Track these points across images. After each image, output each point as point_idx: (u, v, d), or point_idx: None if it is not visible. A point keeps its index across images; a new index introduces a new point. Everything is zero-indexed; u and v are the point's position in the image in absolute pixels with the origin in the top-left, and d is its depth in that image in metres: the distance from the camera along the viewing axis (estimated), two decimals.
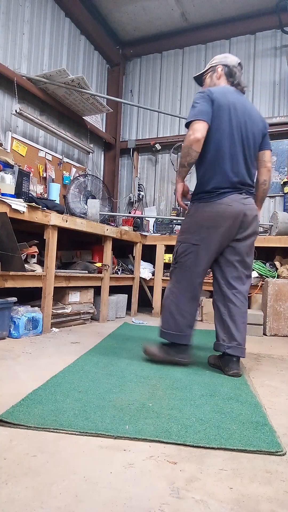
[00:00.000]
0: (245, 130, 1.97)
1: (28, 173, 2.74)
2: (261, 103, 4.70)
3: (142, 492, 0.87)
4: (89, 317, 3.41)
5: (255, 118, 2.03)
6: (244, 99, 2.07)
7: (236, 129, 1.94)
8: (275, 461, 1.05)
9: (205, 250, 1.96)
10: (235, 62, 2.11)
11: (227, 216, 1.91)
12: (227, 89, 2.03)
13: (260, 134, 2.06)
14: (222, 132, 1.92)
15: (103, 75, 5.21)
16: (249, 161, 1.99)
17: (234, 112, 1.94)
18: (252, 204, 1.99)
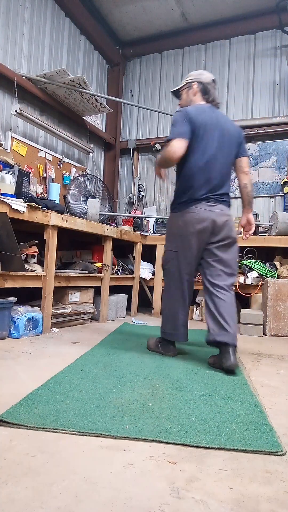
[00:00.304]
0: (220, 145, 2.15)
1: (28, 173, 2.74)
2: (261, 103, 4.70)
3: (142, 492, 0.87)
4: (89, 317, 3.41)
5: (229, 130, 2.20)
6: (218, 114, 2.23)
7: (210, 147, 2.13)
8: (275, 461, 1.05)
9: (183, 255, 2.18)
10: (209, 80, 2.26)
11: (195, 223, 2.11)
12: (202, 108, 2.19)
13: (236, 143, 2.24)
14: (197, 151, 2.12)
15: (103, 75, 5.21)
16: (223, 173, 2.18)
17: (209, 131, 2.12)
18: (222, 211, 2.15)
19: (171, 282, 2.25)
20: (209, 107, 2.21)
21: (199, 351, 2.44)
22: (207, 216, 2.11)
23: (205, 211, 2.11)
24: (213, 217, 2.11)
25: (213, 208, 2.13)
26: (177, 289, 2.23)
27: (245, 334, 3.23)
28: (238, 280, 3.79)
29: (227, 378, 1.84)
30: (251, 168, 4.63)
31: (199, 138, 2.11)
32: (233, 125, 2.28)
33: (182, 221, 2.16)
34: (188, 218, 2.13)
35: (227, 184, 2.23)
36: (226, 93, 4.87)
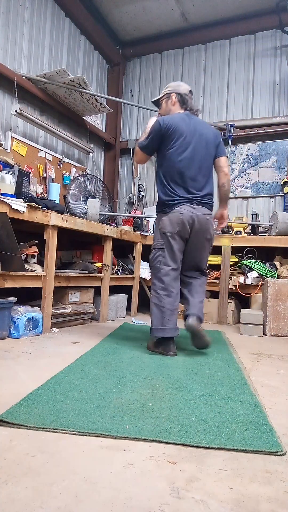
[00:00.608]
0: (195, 151, 2.34)
1: (28, 173, 2.74)
2: (261, 103, 4.70)
3: (142, 492, 0.87)
4: (89, 317, 3.41)
5: (206, 135, 2.40)
6: (196, 121, 2.41)
7: (186, 153, 2.32)
8: (275, 461, 1.05)
9: (169, 252, 2.36)
10: (186, 91, 2.47)
11: (180, 222, 2.31)
12: (179, 116, 2.39)
13: (213, 146, 2.43)
14: (172, 158, 2.33)
15: (103, 75, 5.22)
16: (202, 176, 2.37)
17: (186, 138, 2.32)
18: (204, 213, 2.36)
19: (158, 278, 2.37)
20: (186, 115, 2.41)
21: (199, 351, 2.44)
22: (190, 216, 2.31)
23: (188, 212, 2.31)
24: (194, 217, 2.32)
25: (195, 210, 2.33)
26: (164, 283, 2.35)
27: (245, 334, 3.23)
28: (238, 280, 3.80)
29: (227, 378, 1.84)
30: (251, 168, 4.65)
31: (175, 147, 2.32)
32: (210, 129, 2.48)
33: (168, 221, 2.34)
34: (173, 219, 2.32)
35: (208, 185, 2.40)
36: (226, 93, 4.87)
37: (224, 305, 3.85)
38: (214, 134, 2.47)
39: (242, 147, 4.70)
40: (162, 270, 2.36)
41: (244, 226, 4.11)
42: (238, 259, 3.99)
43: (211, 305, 3.92)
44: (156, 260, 2.40)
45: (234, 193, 4.75)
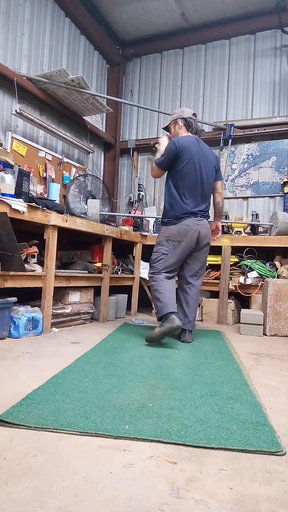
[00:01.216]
0: (202, 171, 2.70)
1: (28, 173, 2.74)
2: (261, 103, 4.70)
3: (142, 492, 0.87)
4: (89, 317, 3.41)
5: (209, 158, 2.77)
6: (203, 145, 2.79)
7: (194, 172, 2.68)
8: (275, 461, 1.05)
9: (172, 256, 2.71)
10: (190, 114, 2.84)
11: (187, 233, 2.67)
12: (191, 140, 2.73)
13: (213, 168, 2.81)
14: (185, 175, 2.68)
15: (103, 75, 5.22)
16: (205, 193, 2.75)
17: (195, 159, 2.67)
18: (205, 224, 2.76)
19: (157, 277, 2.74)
20: (196, 139, 2.76)
21: (199, 350, 2.44)
22: (196, 228, 2.68)
23: (194, 224, 2.68)
24: (199, 229, 2.70)
25: (199, 222, 2.71)
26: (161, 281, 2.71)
27: (245, 334, 3.23)
28: (238, 280, 3.80)
29: (227, 378, 1.84)
30: (251, 168, 4.65)
31: (186, 166, 2.66)
32: (212, 153, 2.85)
33: (176, 231, 2.68)
34: (181, 229, 2.67)
35: (208, 202, 2.81)
36: (226, 93, 4.87)
37: (224, 305, 3.85)
38: (216, 159, 2.86)
39: (242, 147, 4.70)
40: (162, 272, 2.71)
41: (244, 226, 4.11)
42: (238, 259, 3.99)
43: (211, 305, 3.92)
44: (158, 262, 2.73)
45: (234, 193, 4.75)
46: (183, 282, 2.83)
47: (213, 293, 4.04)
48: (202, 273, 2.88)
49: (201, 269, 2.86)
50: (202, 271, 2.88)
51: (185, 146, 2.66)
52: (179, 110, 2.90)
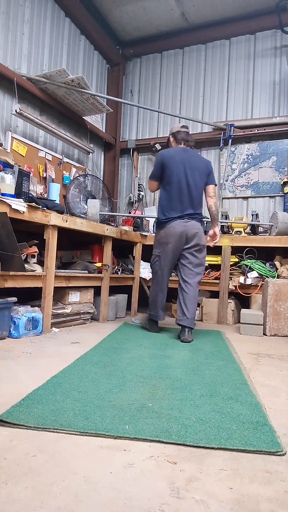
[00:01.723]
0: (188, 177, 2.88)
1: (28, 173, 2.74)
2: (261, 103, 4.70)
3: (142, 492, 0.87)
4: (89, 317, 3.41)
5: (197, 165, 2.94)
6: (190, 154, 2.97)
7: (180, 178, 2.88)
8: (275, 461, 1.05)
9: (164, 258, 2.94)
10: (178, 127, 3.06)
11: (173, 234, 2.87)
12: (177, 150, 2.97)
13: (205, 174, 2.96)
14: (171, 183, 2.90)
15: (103, 75, 5.22)
16: (193, 198, 2.90)
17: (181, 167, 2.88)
18: (194, 225, 2.89)
19: (156, 278, 3.05)
20: (183, 149, 2.97)
21: (199, 350, 2.44)
22: (182, 229, 2.86)
23: (180, 225, 2.86)
24: (185, 230, 2.86)
25: (186, 223, 2.87)
26: (159, 283, 3.02)
27: (245, 334, 3.23)
28: (238, 280, 3.80)
29: (227, 378, 1.84)
30: (251, 168, 4.65)
31: (173, 174, 2.87)
32: (202, 160, 3.03)
33: (164, 233, 2.92)
34: (168, 231, 2.89)
35: (198, 207, 2.94)
36: (226, 93, 4.87)
37: (224, 305, 3.85)
38: (205, 165, 3.01)
39: (242, 147, 4.70)
40: (159, 272, 2.99)
41: (244, 226, 4.11)
42: (238, 259, 3.99)
43: (211, 305, 3.92)
44: (154, 264, 3.03)
45: (234, 193, 4.75)
46: (181, 281, 2.95)
47: (213, 293, 4.04)
48: (198, 272, 2.94)
49: (196, 268, 2.93)
50: (198, 270, 2.94)
51: (169, 156, 2.93)
52: (171, 128, 3.18)
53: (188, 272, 2.92)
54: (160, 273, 2.98)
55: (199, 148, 4.97)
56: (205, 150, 4.96)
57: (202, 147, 4.97)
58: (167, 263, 2.95)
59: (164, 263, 2.94)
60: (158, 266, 2.99)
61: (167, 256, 2.92)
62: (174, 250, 2.90)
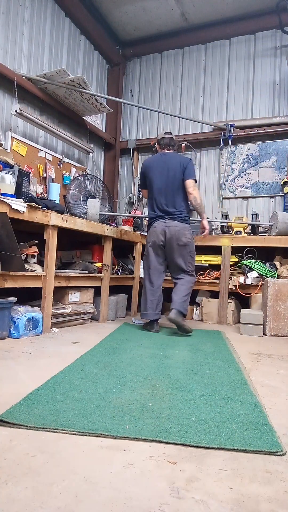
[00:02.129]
0: (164, 179, 3.09)
1: (28, 173, 2.74)
2: (261, 103, 4.70)
3: (142, 492, 0.87)
4: (89, 317, 3.41)
5: (173, 165, 3.10)
6: (166, 156, 3.17)
7: (160, 181, 3.10)
8: (275, 461, 1.05)
9: (149, 257, 3.15)
10: (162, 135, 3.32)
11: (154, 233, 3.09)
12: (155, 157, 3.22)
13: (180, 171, 3.09)
14: (152, 187, 3.14)
15: (103, 75, 5.21)
16: (172, 198, 3.08)
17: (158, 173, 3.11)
18: (175, 225, 3.05)
19: (144, 277, 3.20)
20: (161, 154, 3.21)
21: (199, 350, 2.44)
22: (162, 229, 3.06)
23: (160, 225, 3.07)
24: (165, 229, 3.05)
25: (166, 223, 3.06)
26: (147, 282, 3.15)
27: (245, 334, 3.23)
28: (238, 280, 3.80)
29: (227, 378, 1.84)
30: (251, 168, 4.65)
31: (152, 180, 3.13)
32: (177, 159, 3.15)
33: (149, 234, 3.16)
34: (150, 232, 3.14)
35: (178, 206, 3.09)
36: (226, 93, 4.87)
37: (224, 305, 3.85)
38: (180, 163, 3.13)
39: (242, 147, 4.70)
40: (147, 270, 3.16)
41: (244, 226, 4.11)
42: (238, 259, 3.99)
43: (211, 305, 3.92)
44: (144, 263, 3.21)
45: (234, 193, 4.75)
46: (173, 278, 3.20)
47: (213, 293, 4.04)
48: (186, 271, 3.09)
49: (183, 268, 3.09)
50: (186, 269, 3.09)
51: (148, 164, 3.18)
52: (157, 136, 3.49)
53: (177, 273, 3.12)
54: (147, 273, 3.15)
55: (199, 148, 4.97)
56: (205, 150, 4.97)
57: (202, 147, 4.97)
58: (153, 262, 3.11)
59: (150, 262, 3.12)
60: (145, 265, 3.18)
61: (151, 255, 3.12)
62: (156, 249, 3.09)
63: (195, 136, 4.93)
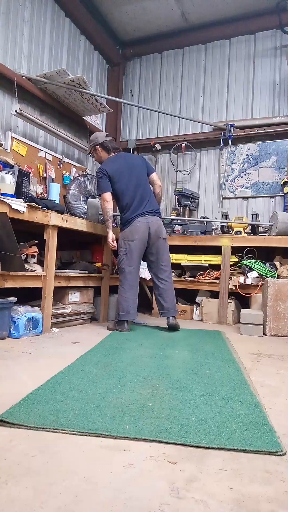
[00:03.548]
0: (133, 177, 3.12)
1: (28, 173, 2.74)
2: (261, 103, 4.69)
3: (142, 492, 0.87)
4: (89, 317, 3.41)
5: (135, 163, 3.19)
6: (124, 156, 3.27)
7: (128, 182, 3.10)
8: (275, 461, 1.05)
9: (131, 255, 3.05)
10: (104, 137, 3.27)
11: (137, 231, 3.03)
12: (112, 159, 3.20)
13: (144, 168, 3.22)
14: (119, 191, 3.11)
15: (103, 75, 5.21)
16: (144, 194, 3.13)
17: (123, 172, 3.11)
18: (156, 220, 3.11)
19: (123, 276, 3.07)
20: (116, 156, 3.23)
21: (199, 350, 2.44)
22: (145, 226, 3.05)
23: (142, 222, 3.05)
24: (149, 225, 3.06)
25: (148, 219, 3.08)
26: (127, 280, 3.06)
27: (245, 334, 3.23)
28: (238, 280, 3.80)
29: (227, 378, 1.84)
30: (251, 168, 4.65)
31: (119, 181, 3.10)
32: (136, 157, 3.33)
33: (129, 231, 3.05)
34: (132, 228, 3.04)
35: (153, 202, 3.18)
36: (226, 93, 4.87)
37: (224, 305, 3.85)
38: (141, 160, 3.29)
39: (242, 147, 4.70)
40: (126, 269, 3.05)
41: (244, 226, 4.11)
42: (238, 259, 3.99)
43: (211, 305, 3.92)
44: (121, 263, 3.08)
45: (234, 193, 4.75)
46: (154, 278, 3.17)
47: (213, 293, 4.04)
48: (167, 265, 3.17)
49: (164, 262, 3.16)
50: (165, 264, 3.16)
51: (111, 167, 3.13)
52: (94, 137, 3.33)
53: (159, 268, 3.14)
54: (128, 271, 3.05)
55: (199, 148, 4.97)
56: (205, 150, 4.97)
57: (202, 147, 4.97)
58: (135, 259, 3.05)
59: (131, 261, 3.05)
60: (125, 264, 3.05)
61: (134, 252, 3.04)
62: (140, 246, 3.05)
63: (195, 136, 4.93)
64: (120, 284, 3.09)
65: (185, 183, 5.03)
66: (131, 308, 3.04)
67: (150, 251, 3.11)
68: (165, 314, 3.12)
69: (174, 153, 5.05)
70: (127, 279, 3.05)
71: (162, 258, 3.13)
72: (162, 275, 3.13)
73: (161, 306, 3.14)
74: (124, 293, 3.04)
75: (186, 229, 4.31)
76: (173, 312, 3.12)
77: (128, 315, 3.03)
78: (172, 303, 3.13)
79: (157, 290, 3.15)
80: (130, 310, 3.04)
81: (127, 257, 3.05)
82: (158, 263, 3.13)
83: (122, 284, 3.08)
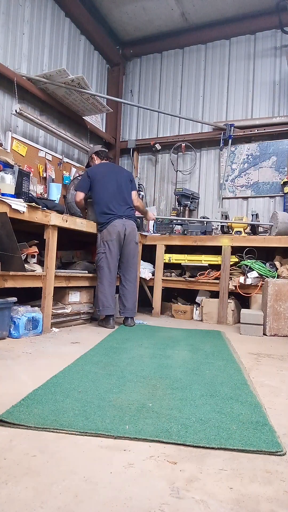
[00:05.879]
0: (116, 182, 3.36)
1: (28, 173, 2.74)
2: (261, 103, 4.69)
3: (142, 492, 0.87)
4: (89, 317, 3.41)
5: (121, 174, 3.47)
6: (112, 165, 3.62)
7: (108, 183, 3.33)
8: (275, 461, 1.05)
9: (110, 253, 3.23)
10: (99, 148, 3.73)
11: (115, 232, 3.23)
12: (100, 165, 3.52)
13: (128, 180, 3.48)
14: (100, 191, 3.32)
15: (103, 75, 5.21)
16: (124, 198, 3.38)
17: (106, 177, 3.35)
18: (131, 224, 3.33)
19: (102, 273, 3.22)
20: (105, 163, 3.55)
21: (199, 350, 2.44)
22: (121, 228, 3.25)
23: (120, 224, 3.25)
24: (125, 227, 3.27)
25: (125, 222, 3.29)
26: (107, 277, 3.21)
27: (245, 334, 3.23)
28: (238, 280, 3.80)
29: (227, 378, 1.84)
30: (251, 168, 4.65)
31: (101, 184, 3.31)
32: (123, 170, 3.66)
33: (107, 231, 3.23)
34: (110, 229, 3.23)
35: (129, 205, 3.40)
36: (226, 93, 4.87)
37: (224, 305, 3.85)
38: (127, 172, 3.60)
39: (242, 147, 4.70)
40: (105, 267, 3.20)
41: (244, 226, 4.11)
42: (238, 259, 3.99)
43: (211, 305, 3.92)
44: (100, 261, 3.23)
45: (234, 193, 4.75)
46: (122, 279, 3.39)
47: (213, 293, 4.04)
48: (134, 268, 3.40)
49: (133, 266, 3.39)
50: (133, 267, 3.40)
51: (95, 170, 3.38)
52: (91, 149, 3.84)
53: (126, 266, 3.35)
54: (107, 268, 3.20)
55: (199, 148, 4.97)
56: (205, 150, 4.97)
57: (202, 147, 4.97)
58: (114, 257, 3.23)
59: (110, 259, 3.21)
60: (104, 262, 3.21)
61: (112, 251, 3.21)
62: (116, 245, 3.24)
63: (195, 136, 4.93)
64: (99, 281, 3.24)
65: (185, 183, 5.04)
66: (111, 304, 3.19)
67: (122, 252, 3.31)
68: (124, 313, 3.33)
69: (174, 153, 5.05)
70: (106, 277, 3.20)
71: (132, 261, 3.37)
72: (130, 276, 3.37)
73: (122, 305, 3.34)
74: (104, 289, 3.18)
75: (186, 229, 4.31)
76: (132, 313, 3.36)
77: (109, 309, 3.18)
78: (134, 305, 3.38)
79: (121, 290, 3.36)
80: (110, 305, 3.19)
81: (106, 256, 3.22)
82: (128, 264, 3.35)
83: (101, 281, 3.22)
